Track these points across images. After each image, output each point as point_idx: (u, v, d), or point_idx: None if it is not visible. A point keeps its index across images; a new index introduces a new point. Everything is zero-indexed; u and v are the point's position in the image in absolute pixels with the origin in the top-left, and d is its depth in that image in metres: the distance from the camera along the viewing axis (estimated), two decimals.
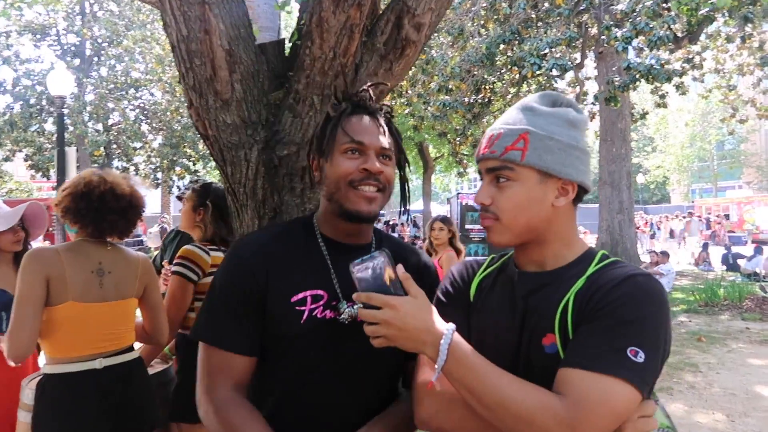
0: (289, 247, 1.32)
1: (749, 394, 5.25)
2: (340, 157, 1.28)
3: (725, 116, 15.92)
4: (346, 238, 1.36)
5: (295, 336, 1.25)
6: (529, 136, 1.09)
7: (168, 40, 1.78)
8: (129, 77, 17.70)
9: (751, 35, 11.98)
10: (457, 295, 1.27)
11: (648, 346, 0.96)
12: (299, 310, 1.25)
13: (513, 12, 11.50)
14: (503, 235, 1.13)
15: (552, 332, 1.05)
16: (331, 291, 1.29)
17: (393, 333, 1.01)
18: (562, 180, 1.10)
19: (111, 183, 2.22)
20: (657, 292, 1.02)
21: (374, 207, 1.29)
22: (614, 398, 0.92)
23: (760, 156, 36.07)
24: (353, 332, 1.24)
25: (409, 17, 1.76)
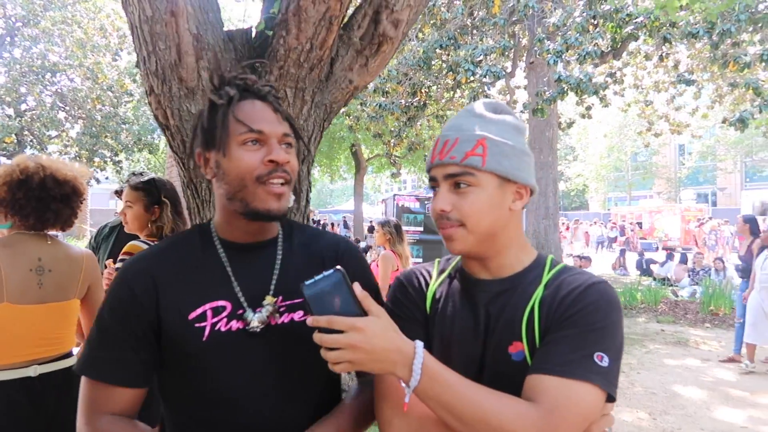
0: (180, 259, 1.19)
1: (668, 393, 5.57)
2: (238, 149, 1.13)
3: (641, 129, 16.90)
4: (248, 237, 1.22)
5: (199, 355, 1.12)
6: (487, 142, 1.09)
7: (128, 19, 1.64)
8: (46, 61, 16.53)
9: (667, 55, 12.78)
10: (412, 307, 1.22)
11: (611, 351, 1.01)
12: (199, 327, 1.12)
13: (451, 17, 11.71)
14: (466, 242, 1.11)
15: (519, 340, 1.07)
16: (234, 300, 1.16)
17: (359, 357, 0.94)
18: (518, 184, 1.13)
19: (50, 168, 2.03)
20: (616, 299, 1.07)
21: (284, 203, 1.16)
22: (585, 401, 0.96)
23: (669, 168, 38.67)
24: (269, 340, 1.15)
25: (387, 12, 1.72)
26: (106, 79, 16.94)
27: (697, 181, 39.64)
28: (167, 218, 2.53)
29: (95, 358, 1.14)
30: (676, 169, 38.99)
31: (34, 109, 16.77)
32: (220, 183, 1.17)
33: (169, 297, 1.13)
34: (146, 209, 2.55)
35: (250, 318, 1.14)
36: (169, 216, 2.53)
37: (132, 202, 2.55)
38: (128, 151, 18.13)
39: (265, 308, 1.15)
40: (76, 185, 2.10)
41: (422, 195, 10.83)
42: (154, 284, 1.14)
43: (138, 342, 1.12)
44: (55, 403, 1.98)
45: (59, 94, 17.22)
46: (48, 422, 1.95)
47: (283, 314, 1.18)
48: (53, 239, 2.11)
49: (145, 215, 2.56)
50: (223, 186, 1.16)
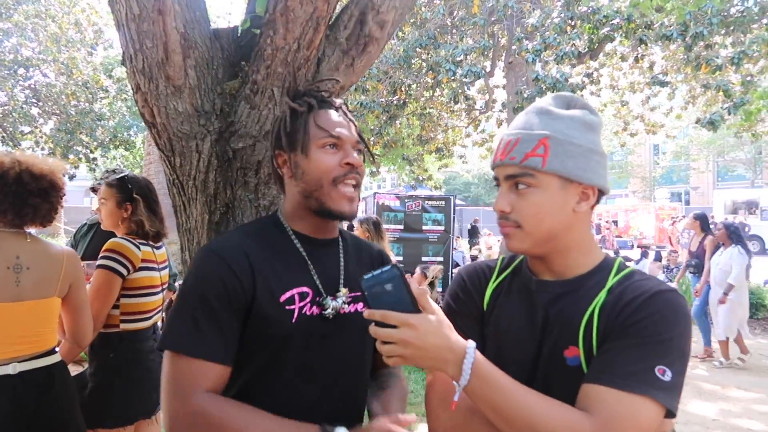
0: (265, 245, 1.28)
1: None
2: (318, 152, 1.26)
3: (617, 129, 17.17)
4: (318, 232, 1.34)
5: (287, 336, 1.20)
6: (549, 142, 1.06)
7: (114, 17, 1.64)
8: (19, 55, 16.17)
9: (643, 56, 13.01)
10: (469, 303, 1.24)
11: (675, 365, 0.96)
12: (289, 309, 1.21)
13: (430, 17, 11.77)
14: (524, 242, 1.10)
15: (575, 345, 1.04)
16: (314, 287, 1.27)
17: (411, 353, 0.96)
18: (583, 185, 1.09)
19: (26, 163, 2.01)
20: (684, 309, 1.02)
21: (354, 206, 1.30)
22: (643, 417, 0.93)
23: (644, 168, 39.32)
24: (339, 326, 1.27)
25: (373, 14, 1.74)
26: (81, 74, 16.63)
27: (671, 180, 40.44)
28: (141, 214, 2.52)
29: (194, 334, 1.14)
30: (651, 168, 39.69)
31: (6, 105, 16.40)
32: (298, 182, 1.29)
33: (262, 278, 1.20)
34: (118, 206, 2.56)
35: (329, 304, 1.24)
36: (143, 212, 2.53)
37: (105, 198, 2.56)
38: (104, 147, 17.83)
39: (339, 297, 1.27)
40: (53, 179, 2.08)
41: (402, 193, 10.87)
42: (250, 264, 1.20)
43: (234, 318, 1.17)
44: (36, 401, 1.96)
45: (33, 89, 16.86)
46: (28, 420, 1.94)
47: (350, 305, 1.29)
48: (33, 237, 2.09)
49: (117, 212, 2.56)
50: (301, 185, 1.28)
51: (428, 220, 10.29)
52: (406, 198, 10.69)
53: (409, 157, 16.32)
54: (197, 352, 1.13)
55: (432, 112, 14.79)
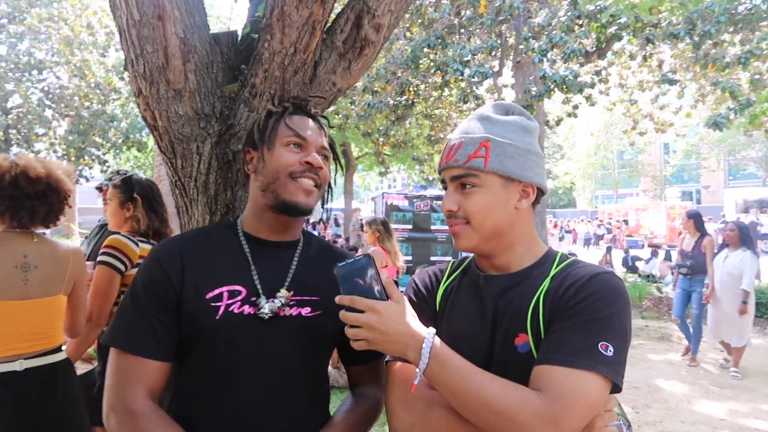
0: (209, 245, 1.32)
1: (650, 387, 5.68)
2: (281, 148, 1.31)
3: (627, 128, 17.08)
4: (271, 234, 1.35)
5: (212, 332, 1.21)
6: (490, 144, 1.14)
7: (116, 23, 1.69)
8: (32, 58, 16.38)
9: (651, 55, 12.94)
10: (421, 305, 1.29)
11: (617, 340, 1.01)
12: (214, 306, 1.22)
13: (438, 17, 11.77)
14: (471, 239, 1.17)
15: (524, 332, 1.09)
16: (251, 286, 1.26)
17: (375, 336, 1.02)
18: (523, 183, 1.17)
19: (23, 166, 2.06)
20: (621, 288, 1.08)
21: (311, 200, 1.32)
22: (590, 391, 0.97)
23: (655, 167, 39.06)
24: (274, 328, 1.25)
25: (369, 17, 1.78)
26: (94, 76, 16.82)
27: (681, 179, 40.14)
28: (140, 213, 2.59)
29: (128, 331, 1.21)
30: (662, 167, 39.42)
31: (20, 107, 16.62)
32: (258, 176, 1.33)
33: (192, 276, 1.24)
34: (121, 205, 2.64)
35: (263, 305, 1.24)
36: (142, 211, 2.59)
37: (110, 199, 2.64)
38: (116, 149, 18.01)
39: (278, 299, 1.26)
40: (50, 182, 2.11)
41: (411, 193, 10.89)
42: (182, 263, 1.24)
43: (167, 316, 1.21)
44: (39, 398, 2.01)
45: (46, 91, 17.08)
46: (31, 416, 1.99)
47: (293, 308, 1.28)
48: (40, 237, 2.14)
49: (120, 211, 2.64)
50: (260, 178, 1.32)
51: (437, 219, 10.30)
52: (415, 198, 10.71)
53: (419, 157, 16.35)
54: (130, 347, 1.19)
55: (441, 112, 14.78)
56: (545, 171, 1.24)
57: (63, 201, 2.17)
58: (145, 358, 1.19)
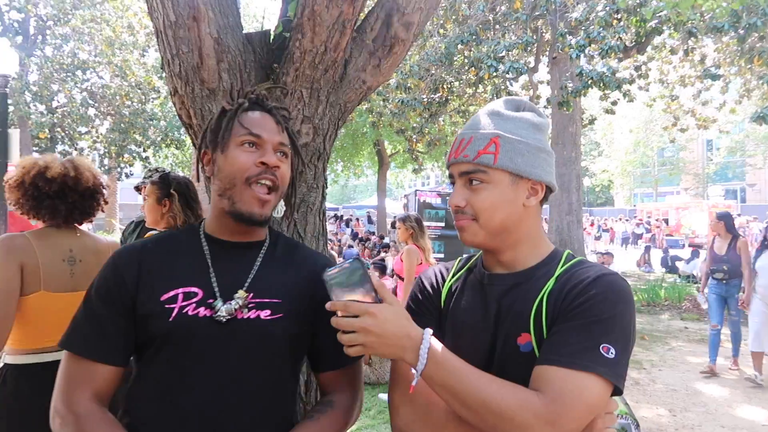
0: (168, 248, 1.29)
1: (689, 390, 5.55)
2: (236, 149, 1.24)
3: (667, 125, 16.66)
4: (234, 235, 1.31)
5: (165, 334, 1.17)
6: (500, 140, 1.13)
7: (153, 25, 1.74)
8: (76, 58, 16.93)
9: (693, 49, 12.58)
10: (426, 303, 1.29)
11: (619, 342, 1.01)
12: (168, 308, 1.18)
13: (472, 13, 11.69)
14: (477, 235, 1.16)
15: (527, 332, 1.08)
16: (208, 288, 1.22)
17: (371, 340, 1.00)
18: (532, 181, 1.15)
19: (41, 166, 2.12)
20: (625, 290, 1.07)
21: (266, 210, 1.26)
22: (589, 393, 0.97)
23: (697, 164, 37.96)
24: (231, 331, 1.20)
25: (399, 15, 1.79)
26: (134, 75, 17.30)
27: (725, 177, 38.88)
28: (177, 210, 2.66)
29: (80, 333, 1.20)
30: (704, 164, 38.25)
31: (65, 106, 17.20)
32: (215, 180, 1.27)
33: (148, 278, 1.21)
34: (158, 201, 2.72)
35: (219, 307, 1.19)
36: (178, 207, 2.66)
37: (148, 195, 2.72)
38: (156, 146, 18.47)
39: (235, 300, 1.21)
40: (66, 181, 2.15)
41: (444, 191, 10.86)
42: (139, 267, 1.22)
43: (120, 320, 1.19)
44: None
45: (89, 91, 17.63)
46: None
47: (251, 310, 1.22)
48: (82, 231, 2.23)
49: (157, 207, 2.72)
50: (217, 182, 1.27)
51: None
52: (448, 195, 10.67)
53: None
54: (79, 350, 1.18)
55: (475, 108, 14.68)
56: (554, 168, 1.22)
57: (86, 198, 2.22)
58: (93, 361, 1.17)
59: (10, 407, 1.99)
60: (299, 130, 1.77)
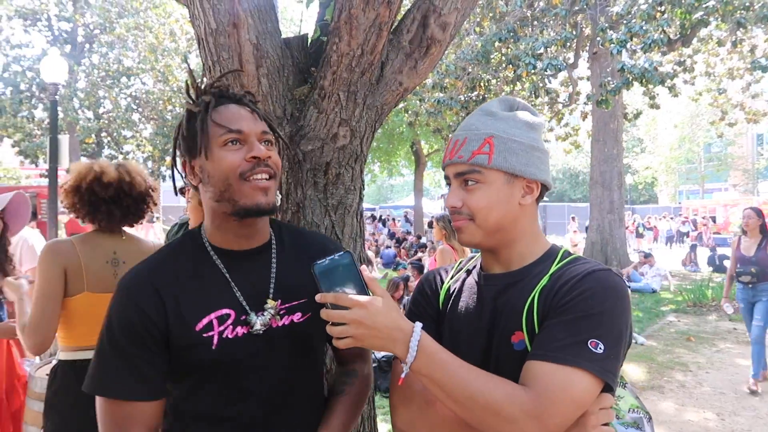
0: (179, 269, 1.21)
1: (738, 394, 5.35)
2: (220, 151, 1.16)
3: (714, 119, 16.13)
4: (241, 242, 1.25)
5: (210, 362, 1.16)
6: (494, 140, 1.14)
7: (195, 32, 1.79)
8: (121, 65, 17.49)
9: (742, 40, 12.14)
10: (425, 304, 1.31)
11: (607, 338, 1.00)
12: (207, 336, 1.15)
13: (509, 10, 11.56)
14: (475, 236, 1.17)
15: (520, 330, 1.10)
16: (237, 306, 1.20)
17: (362, 332, 0.99)
18: (527, 179, 1.16)
19: (97, 172, 2.18)
20: (615, 285, 1.07)
21: (271, 197, 1.19)
22: (575, 387, 0.97)
23: (746, 159, 36.55)
24: (271, 342, 1.21)
25: (435, 16, 1.78)
26: (177, 81, 17.73)
27: None
28: None
29: (112, 376, 1.14)
30: (754, 159, 36.76)
31: (110, 112, 17.77)
32: (207, 187, 1.20)
33: (174, 310, 1.15)
34: (200, 203, 2.76)
35: (254, 321, 1.19)
36: None
37: (191, 197, 2.78)
38: None
39: (267, 311, 1.21)
40: (122, 186, 2.21)
41: None
42: (159, 297, 1.16)
43: (152, 355, 1.14)
44: None
45: (133, 96, 18.17)
46: None
47: (284, 317, 1.23)
48: (128, 234, 2.30)
49: (199, 209, 2.77)
50: (210, 189, 1.19)
51: None
52: None
53: None
54: (119, 394, 1.13)
55: None
56: (549, 167, 1.23)
57: (140, 202, 2.30)
58: (139, 401, 1.13)
59: (61, 400, 2.08)
60: (336, 133, 1.78)
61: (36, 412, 2.19)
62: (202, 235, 1.27)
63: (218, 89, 1.24)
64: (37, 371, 2.38)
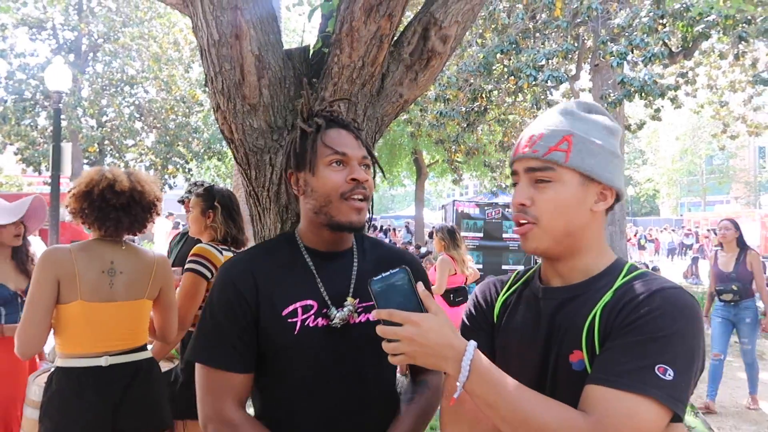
0: (274, 262, 1.37)
1: (738, 407, 5.32)
2: (325, 169, 1.32)
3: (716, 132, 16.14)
4: (329, 246, 1.40)
5: (291, 347, 1.29)
6: (573, 138, 1.07)
7: (198, 43, 1.80)
8: (125, 74, 17.58)
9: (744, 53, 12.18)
10: (480, 318, 1.26)
11: (678, 363, 0.92)
12: (291, 322, 1.29)
13: (511, 22, 11.62)
14: (541, 241, 1.10)
15: (579, 349, 1.03)
16: (320, 299, 1.33)
17: (414, 349, 0.99)
18: (603, 185, 1.09)
19: (110, 179, 2.20)
20: (688, 305, 0.98)
21: (363, 216, 1.35)
22: (639, 417, 0.90)
23: (748, 172, 36.53)
24: (347, 336, 1.32)
25: (436, 29, 1.80)
26: (179, 90, 17.83)
27: None
28: (219, 221, 2.74)
29: (211, 348, 1.30)
30: (756, 172, 36.74)
31: (113, 120, 17.83)
32: (308, 199, 1.36)
33: (266, 294, 1.30)
34: (202, 213, 2.81)
35: (334, 315, 1.30)
36: (220, 219, 2.74)
37: (192, 207, 2.82)
38: (199, 158, 18.95)
39: (346, 308, 1.31)
40: (134, 195, 2.24)
41: (482, 201, 10.79)
42: (255, 283, 1.31)
43: (245, 333, 1.29)
44: (122, 392, 2.15)
45: (136, 105, 18.24)
46: (113, 410, 2.12)
47: (360, 314, 1.34)
48: (128, 244, 2.30)
49: (201, 219, 2.81)
50: (311, 201, 1.35)
51: (508, 227, 10.13)
52: (486, 206, 10.59)
53: (490, 164, 16.14)
54: (217, 363, 1.28)
55: (514, 117, 14.54)
56: (624, 176, 1.15)
57: (146, 212, 2.31)
58: (231, 372, 1.27)
59: (55, 407, 2.09)
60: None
61: (32, 420, 2.19)
62: (297, 236, 1.43)
63: (329, 113, 1.42)
64: (36, 378, 2.38)
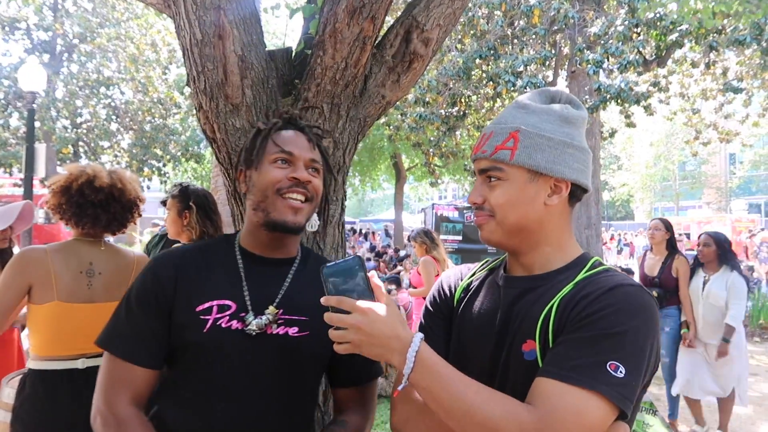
0: (204, 259, 1.35)
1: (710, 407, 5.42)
2: (268, 166, 1.31)
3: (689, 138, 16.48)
4: (266, 251, 1.37)
5: (199, 344, 1.24)
6: (520, 135, 1.08)
7: (180, 43, 1.79)
8: (101, 75, 17.31)
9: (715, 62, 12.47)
10: (440, 303, 1.27)
11: (630, 361, 0.92)
12: (203, 319, 1.24)
13: (490, 28, 11.74)
14: (494, 233, 1.12)
15: (532, 339, 1.03)
16: (240, 302, 1.28)
17: (360, 338, 0.97)
18: (554, 178, 1.09)
19: (90, 175, 2.18)
20: (645, 304, 0.98)
21: (300, 218, 1.31)
22: (588, 413, 0.89)
23: (719, 178, 37.37)
24: (261, 345, 1.26)
25: (418, 32, 1.82)
26: (156, 92, 17.59)
27: (749, 190, 38.16)
28: (194, 222, 2.72)
29: (120, 335, 1.27)
30: (727, 178, 37.63)
31: (89, 121, 17.53)
32: (250, 195, 1.34)
33: (184, 288, 1.27)
34: (179, 214, 2.79)
35: (250, 321, 1.25)
36: (195, 219, 2.73)
37: (169, 208, 2.79)
38: (176, 160, 18.72)
39: (265, 316, 1.27)
40: (113, 192, 2.22)
41: (461, 204, 10.86)
42: (176, 275, 1.28)
43: (157, 325, 1.26)
44: None
45: (112, 106, 17.96)
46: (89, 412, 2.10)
47: (280, 326, 1.28)
48: (107, 245, 2.28)
49: (178, 220, 2.79)
50: (251, 197, 1.33)
51: None
52: (465, 209, 10.66)
53: (470, 167, 16.27)
54: (121, 353, 1.24)
55: None
56: (588, 165, 1.13)
57: (126, 210, 2.29)
58: (134, 364, 1.23)
59: (27, 411, 2.05)
60: None
61: (3, 423, 2.15)
62: (237, 237, 1.41)
63: (289, 116, 1.41)
64: (10, 381, 2.33)
